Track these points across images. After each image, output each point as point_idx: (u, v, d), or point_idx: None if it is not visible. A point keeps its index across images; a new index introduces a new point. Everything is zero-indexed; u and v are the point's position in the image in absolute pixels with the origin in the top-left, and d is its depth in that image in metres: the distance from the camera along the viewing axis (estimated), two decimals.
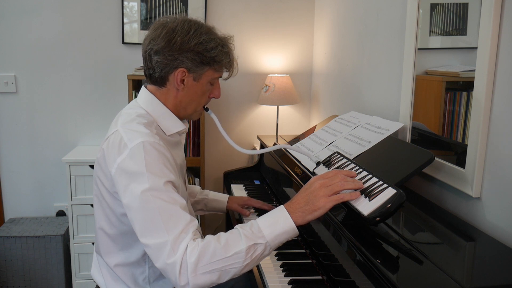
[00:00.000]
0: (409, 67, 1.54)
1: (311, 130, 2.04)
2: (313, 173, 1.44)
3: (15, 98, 2.64)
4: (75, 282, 2.52)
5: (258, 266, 1.35)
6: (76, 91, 2.69)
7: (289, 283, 1.25)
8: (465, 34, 1.33)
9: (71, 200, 2.44)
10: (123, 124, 1.19)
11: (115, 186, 1.14)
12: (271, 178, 2.14)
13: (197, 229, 1.09)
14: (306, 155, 1.45)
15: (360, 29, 2.07)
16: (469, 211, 1.26)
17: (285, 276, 1.29)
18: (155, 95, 1.27)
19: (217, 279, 1.03)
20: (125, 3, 2.62)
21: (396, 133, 1.51)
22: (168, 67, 1.22)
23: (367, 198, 1.07)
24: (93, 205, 1.33)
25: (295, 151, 1.76)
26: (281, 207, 1.10)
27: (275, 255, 1.40)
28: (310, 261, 1.37)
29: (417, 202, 1.36)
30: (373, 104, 1.92)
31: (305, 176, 1.58)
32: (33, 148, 2.70)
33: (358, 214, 1.07)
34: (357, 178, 1.15)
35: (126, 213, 1.15)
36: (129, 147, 1.12)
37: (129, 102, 1.37)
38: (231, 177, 2.35)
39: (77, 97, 2.69)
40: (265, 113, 2.89)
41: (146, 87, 1.30)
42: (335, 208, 1.09)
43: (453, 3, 1.38)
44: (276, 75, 2.68)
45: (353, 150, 1.52)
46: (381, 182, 1.09)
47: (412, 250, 1.03)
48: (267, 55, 2.83)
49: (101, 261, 1.32)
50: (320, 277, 1.28)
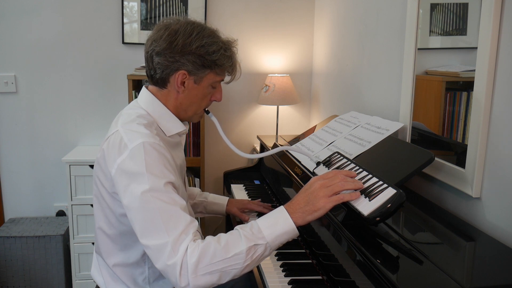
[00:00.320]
0: (409, 67, 1.54)
1: (311, 130, 2.04)
2: (313, 173, 1.44)
3: (15, 98, 2.64)
4: (75, 282, 2.52)
5: (258, 266, 1.35)
6: (76, 91, 2.69)
7: (289, 283, 1.25)
8: (465, 34, 1.33)
9: (71, 200, 2.44)
10: (123, 124, 1.19)
11: (115, 186, 1.14)
12: (271, 178, 2.14)
13: (197, 230, 1.08)
14: (306, 155, 1.45)
15: (360, 29, 2.07)
16: (469, 211, 1.26)
17: (285, 276, 1.29)
18: (156, 96, 1.27)
19: (218, 280, 1.03)
20: (125, 3, 2.62)
21: (396, 133, 1.51)
22: (169, 69, 1.21)
23: (367, 198, 1.07)
24: (93, 205, 1.32)
25: (295, 151, 1.76)
26: (281, 207, 1.10)
27: (275, 255, 1.40)
28: (310, 261, 1.37)
29: (417, 202, 1.36)
30: (373, 104, 1.92)
31: (305, 176, 1.58)
32: (33, 148, 2.70)
33: (358, 214, 1.07)
34: (357, 178, 1.15)
35: (125, 213, 1.14)
36: (129, 147, 1.12)
37: (129, 102, 1.36)
38: (231, 177, 2.35)
39: (77, 97, 2.69)
40: (265, 113, 2.89)
41: (147, 87, 1.30)
42: (335, 208, 1.09)
43: (453, 3, 1.38)
44: (276, 75, 2.68)
45: (353, 150, 1.52)
46: (381, 182, 1.09)
47: (412, 250, 1.03)
48: (267, 55, 2.83)
49: (100, 261, 1.31)
50: (320, 277, 1.28)
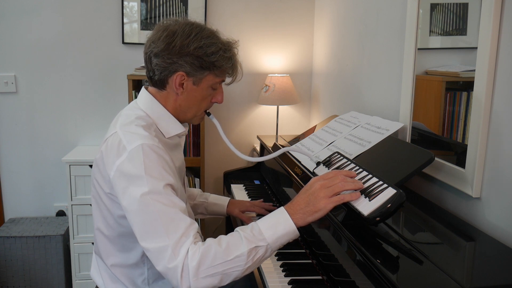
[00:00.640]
0: (409, 67, 1.54)
1: (311, 130, 2.04)
2: (313, 173, 1.44)
3: (15, 98, 2.64)
4: (75, 282, 2.52)
5: (258, 266, 1.35)
6: (76, 91, 2.69)
7: (289, 283, 1.25)
8: (465, 34, 1.33)
9: (71, 200, 2.44)
10: (121, 126, 1.18)
11: (114, 189, 1.13)
12: (271, 178, 2.14)
13: (197, 232, 1.08)
14: (306, 155, 1.45)
15: (360, 29, 2.07)
16: (469, 211, 1.26)
17: (285, 276, 1.29)
18: (155, 97, 1.26)
19: (219, 282, 1.03)
20: (125, 3, 2.62)
21: (396, 133, 1.51)
22: (167, 70, 1.21)
23: (367, 198, 1.07)
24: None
25: (295, 151, 1.76)
26: (281, 208, 1.10)
27: (275, 255, 1.40)
28: (310, 261, 1.37)
29: (417, 202, 1.36)
30: (373, 104, 1.92)
31: (305, 176, 1.58)
32: (33, 148, 2.70)
33: (358, 214, 1.07)
34: (357, 178, 1.15)
35: (124, 215, 1.14)
36: (127, 149, 1.11)
37: (129, 102, 1.35)
38: (231, 177, 2.35)
39: (77, 97, 2.69)
40: (265, 113, 2.89)
41: (146, 88, 1.29)
42: (335, 208, 1.09)
43: (453, 3, 1.38)
44: (276, 75, 2.68)
45: (353, 150, 1.52)
46: (381, 182, 1.09)
47: (412, 250, 1.03)
48: (267, 55, 2.83)
49: (100, 262, 1.31)
50: (320, 277, 1.28)
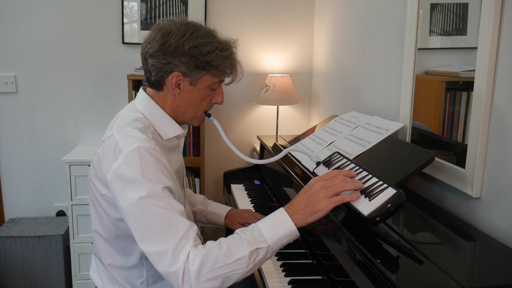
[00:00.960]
0: (409, 67, 1.54)
1: (311, 130, 2.04)
2: (313, 173, 1.44)
3: (15, 98, 2.64)
4: (75, 282, 2.52)
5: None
6: (76, 91, 2.69)
7: (289, 283, 1.25)
8: (465, 34, 1.33)
9: (71, 200, 2.44)
10: (118, 128, 1.16)
11: (111, 192, 1.12)
12: (271, 178, 2.14)
13: (197, 235, 1.07)
14: (306, 154, 1.45)
15: (360, 29, 2.07)
16: (469, 211, 1.26)
17: (285, 276, 1.29)
18: (153, 98, 1.24)
19: (220, 285, 1.02)
20: (125, 3, 2.62)
21: (396, 133, 1.51)
22: (162, 71, 1.18)
23: (367, 198, 1.07)
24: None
25: (296, 151, 1.76)
26: (281, 209, 1.10)
27: (275, 255, 1.40)
28: (310, 261, 1.37)
29: (417, 202, 1.36)
30: (373, 104, 1.92)
31: (305, 176, 1.58)
32: (33, 148, 2.70)
33: (358, 214, 1.07)
34: (357, 178, 1.15)
35: (121, 218, 1.13)
36: (124, 152, 1.09)
37: (129, 102, 1.34)
38: (231, 177, 2.35)
39: (77, 97, 2.69)
40: (265, 113, 2.89)
41: (145, 89, 1.27)
42: (335, 208, 1.09)
43: (453, 3, 1.38)
44: (276, 75, 2.68)
45: (353, 150, 1.52)
46: (381, 182, 1.09)
47: (412, 250, 1.03)
48: (267, 55, 2.83)
49: (98, 263, 1.30)
50: (320, 277, 1.27)
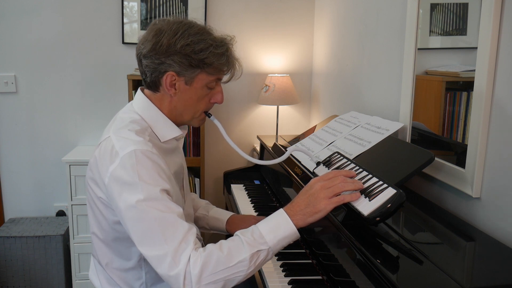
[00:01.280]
0: (409, 67, 1.54)
1: (311, 130, 2.04)
2: (313, 173, 1.44)
3: (15, 98, 2.64)
4: (75, 282, 2.51)
5: None
6: (76, 91, 2.69)
7: (289, 283, 1.25)
8: (465, 34, 1.33)
9: (71, 200, 2.44)
10: (115, 130, 1.15)
11: (109, 194, 1.11)
12: (271, 178, 2.14)
13: (197, 237, 1.07)
14: (307, 154, 1.45)
15: (360, 29, 2.07)
16: (469, 211, 1.26)
17: (285, 276, 1.29)
18: (150, 99, 1.22)
19: (222, 287, 1.03)
20: (125, 3, 2.62)
21: (396, 133, 1.51)
22: (157, 71, 1.16)
23: (367, 198, 1.07)
24: None
25: (296, 151, 1.76)
26: (281, 210, 1.10)
27: (275, 255, 1.40)
28: (310, 261, 1.37)
29: (417, 202, 1.36)
30: (373, 104, 1.92)
31: (305, 176, 1.58)
32: (33, 148, 2.70)
33: (358, 214, 1.07)
34: (357, 178, 1.15)
35: (118, 221, 1.13)
36: (120, 155, 1.08)
37: (129, 102, 1.34)
38: (231, 177, 2.35)
39: (77, 97, 2.69)
40: (265, 113, 2.89)
41: (143, 91, 1.25)
42: (335, 209, 1.09)
43: (453, 3, 1.38)
44: (276, 75, 2.68)
45: (353, 150, 1.52)
46: (381, 182, 1.09)
47: (412, 250, 1.03)
48: (267, 55, 2.83)
49: (97, 265, 1.29)
50: (320, 277, 1.27)
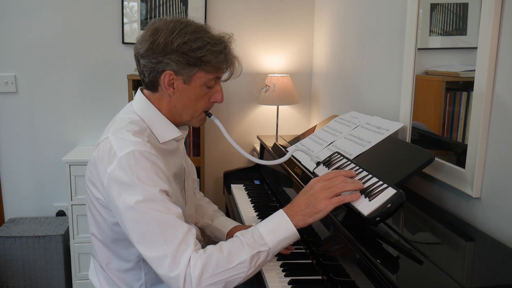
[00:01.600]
0: (409, 67, 1.54)
1: (311, 130, 2.04)
2: (313, 173, 1.44)
3: (15, 98, 2.64)
4: (75, 282, 2.51)
5: None
6: (76, 91, 2.69)
7: (289, 283, 1.25)
8: (465, 34, 1.33)
9: (71, 200, 2.44)
10: (114, 131, 1.15)
11: (108, 195, 1.10)
12: (271, 178, 2.14)
13: (196, 238, 1.07)
14: (307, 154, 1.45)
15: (360, 29, 2.07)
16: (469, 211, 1.26)
17: (285, 276, 1.29)
18: (149, 100, 1.22)
19: None
20: (125, 3, 2.62)
21: (396, 133, 1.51)
22: (155, 71, 1.16)
23: (367, 198, 1.07)
24: None
25: (296, 151, 1.75)
26: (281, 211, 1.10)
27: (275, 255, 1.40)
28: (310, 261, 1.37)
29: (417, 202, 1.36)
30: (373, 104, 1.92)
31: (305, 176, 1.58)
32: (33, 148, 2.70)
33: (358, 214, 1.07)
34: (357, 178, 1.15)
35: (117, 222, 1.12)
36: (118, 156, 1.08)
37: (129, 102, 1.34)
38: (231, 177, 2.35)
39: (77, 97, 2.69)
40: (265, 113, 2.89)
41: (142, 91, 1.25)
42: (335, 209, 1.09)
43: (453, 3, 1.38)
44: (276, 75, 2.68)
45: (353, 150, 1.52)
46: (381, 182, 1.09)
47: (412, 250, 1.03)
48: (267, 55, 2.83)
49: (96, 265, 1.29)
50: (320, 277, 1.27)
